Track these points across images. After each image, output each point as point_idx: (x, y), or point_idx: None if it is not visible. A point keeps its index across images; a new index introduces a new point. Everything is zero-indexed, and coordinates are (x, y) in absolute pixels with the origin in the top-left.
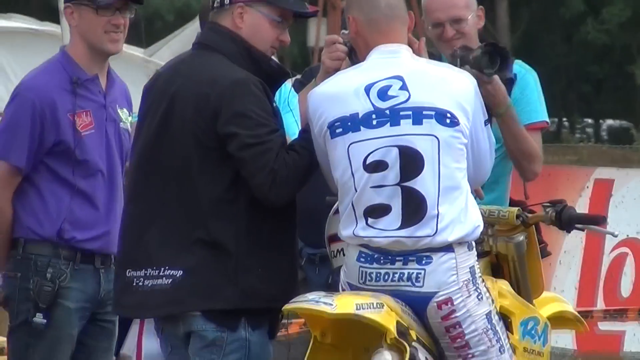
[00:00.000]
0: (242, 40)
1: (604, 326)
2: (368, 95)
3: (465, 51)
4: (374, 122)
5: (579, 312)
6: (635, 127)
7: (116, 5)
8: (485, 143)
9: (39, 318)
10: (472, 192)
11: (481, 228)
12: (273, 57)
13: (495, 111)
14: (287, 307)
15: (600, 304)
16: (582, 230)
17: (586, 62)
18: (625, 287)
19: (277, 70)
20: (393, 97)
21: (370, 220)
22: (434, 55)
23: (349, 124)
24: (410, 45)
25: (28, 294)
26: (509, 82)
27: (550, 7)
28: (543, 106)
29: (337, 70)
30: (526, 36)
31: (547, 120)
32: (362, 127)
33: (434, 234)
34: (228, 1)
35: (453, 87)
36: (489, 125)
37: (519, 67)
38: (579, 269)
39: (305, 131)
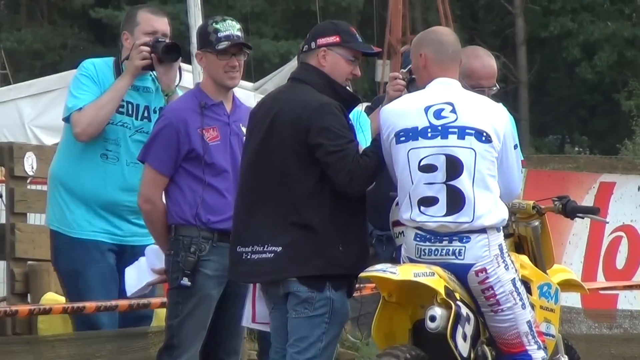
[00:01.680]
0: (325, 75)
1: (603, 290)
2: (426, 114)
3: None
4: (429, 135)
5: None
6: (619, 142)
7: (232, 51)
8: (514, 161)
9: (184, 281)
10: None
11: (506, 218)
12: (348, 87)
13: None
14: (362, 274)
15: (600, 274)
16: (582, 218)
17: (583, 93)
18: (620, 262)
19: (351, 97)
20: (445, 117)
21: (422, 208)
22: None
23: (410, 134)
24: None
25: (178, 265)
26: None
27: (556, 52)
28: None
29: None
30: (539, 74)
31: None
32: (419, 138)
33: (471, 221)
34: (314, 45)
35: (490, 114)
36: (519, 149)
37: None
38: (584, 248)
39: (375, 140)
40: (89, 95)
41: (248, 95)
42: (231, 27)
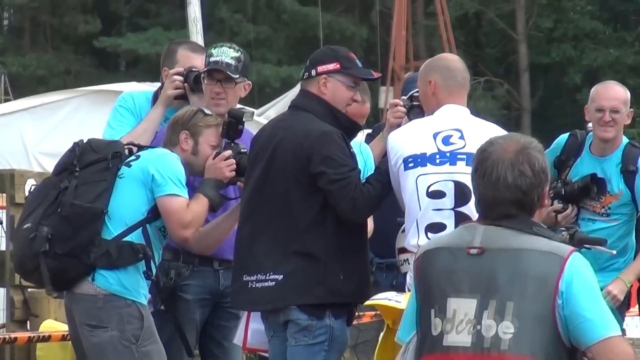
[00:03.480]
0: (326, 102)
1: None
2: (435, 140)
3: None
4: (437, 161)
5: None
6: None
7: (217, 77)
8: None
9: (161, 307)
10: None
11: None
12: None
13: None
14: (367, 302)
15: None
16: (590, 249)
17: (585, 120)
18: None
19: (351, 124)
20: (453, 144)
21: (429, 234)
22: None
23: (419, 160)
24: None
25: (157, 286)
26: (632, 173)
27: (559, 79)
28: None
29: (398, 125)
30: (542, 100)
31: None
32: (428, 164)
33: None
34: (314, 73)
35: None
36: None
37: None
38: None
39: (378, 167)
40: (126, 127)
41: (250, 122)
42: (223, 54)
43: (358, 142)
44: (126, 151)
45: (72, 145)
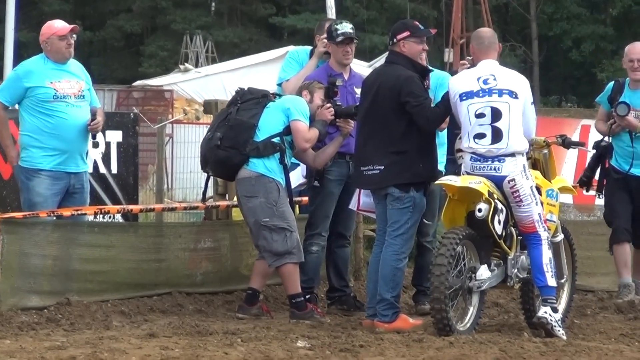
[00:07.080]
0: (406, 57)
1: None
2: (478, 81)
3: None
4: (480, 95)
5: (573, 186)
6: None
7: (345, 42)
8: (529, 111)
9: (316, 183)
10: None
11: (527, 148)
12: (424, 62)
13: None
14: (437, 182)
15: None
16: (575, 148)
17: (573, 70)
18: (596, 175)
19: (424, 68)
20: (489, 83)
21: (476, 140)
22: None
23: (469, 94)
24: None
25: (312, 172)
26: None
27: (557, 44)
28: None
29: None
30: (545, 57)
31: None
32: (474, 97)
33: (506, 147)
34: (395, 40)
35: (517, 80)
36: (534, 105)
37: None
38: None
39: (443, 97)
40: (293, 71)
41: (363, 70)
42: (345, 27)
43: (443, 77)
44: (271, 96)
45: (237, 90)
